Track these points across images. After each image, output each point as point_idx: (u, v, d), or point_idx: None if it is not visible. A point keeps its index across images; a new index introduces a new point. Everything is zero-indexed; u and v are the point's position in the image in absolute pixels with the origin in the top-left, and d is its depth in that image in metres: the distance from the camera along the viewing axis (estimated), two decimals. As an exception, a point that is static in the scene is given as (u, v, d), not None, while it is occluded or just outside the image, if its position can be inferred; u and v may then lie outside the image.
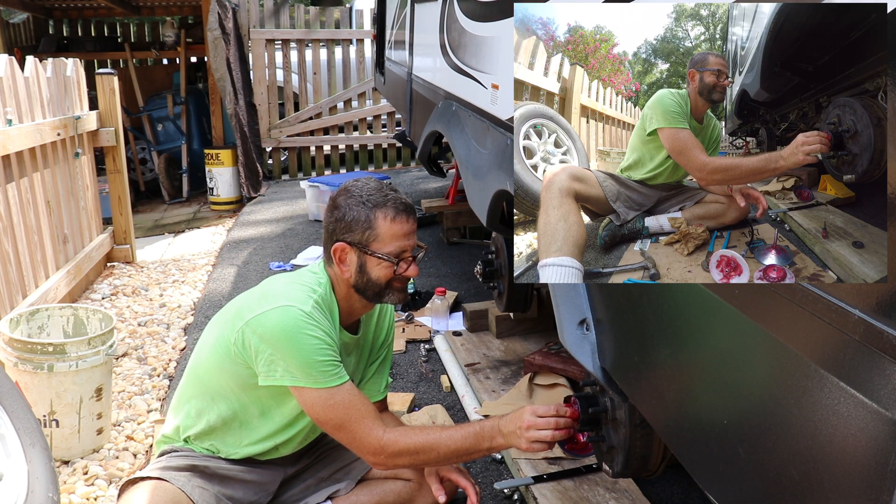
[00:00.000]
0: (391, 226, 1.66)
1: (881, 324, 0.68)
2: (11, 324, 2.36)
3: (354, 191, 1.69)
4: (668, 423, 1.20)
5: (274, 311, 1.60)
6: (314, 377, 1.58)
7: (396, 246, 1.67)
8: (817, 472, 0.79)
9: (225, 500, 1.72)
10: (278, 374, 1.59)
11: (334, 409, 1.60)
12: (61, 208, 3.68)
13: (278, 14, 6.93)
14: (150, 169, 7.52)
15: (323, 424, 1.64)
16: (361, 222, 1.65)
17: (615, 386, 1.40)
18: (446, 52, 2.87)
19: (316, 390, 1.59)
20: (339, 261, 1.69)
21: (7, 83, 3.07)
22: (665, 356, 1.16)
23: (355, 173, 6.48)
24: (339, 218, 1.68)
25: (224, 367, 1.69)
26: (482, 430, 1.64)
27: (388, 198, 1.67)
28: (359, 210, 1.66)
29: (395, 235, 1.67)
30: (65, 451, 2.32)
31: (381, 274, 1.68)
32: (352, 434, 1.62)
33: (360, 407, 1.62)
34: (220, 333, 1.70)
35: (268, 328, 1.59)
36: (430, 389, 2.72)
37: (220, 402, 1.74)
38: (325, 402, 1.60)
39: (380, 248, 1.66)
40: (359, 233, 1.66)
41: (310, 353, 1.58)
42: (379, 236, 1.66)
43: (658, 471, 1.61)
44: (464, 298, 3.55)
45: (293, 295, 1.64)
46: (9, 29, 7.18)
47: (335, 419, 1.61)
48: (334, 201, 1.71)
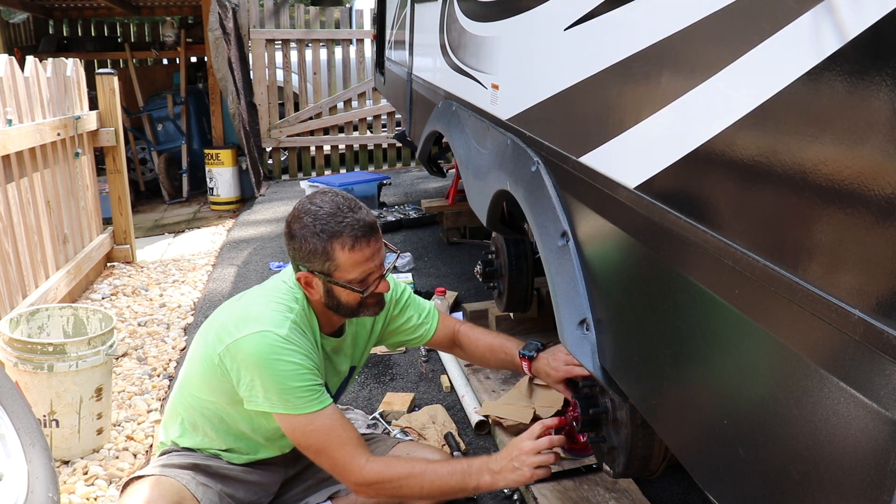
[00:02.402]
0: (350, 255, 1.57)
1: (881, 324, 0.68)
2: (11, 324, 2.36)
3: (307, 219, 1.58)
4: (669, 424, 1.20)
5: (250, 338, 1.56)
6: (292, 403, 1.55)
7: (360, 272, 1.60)
8: (817, 472, 0.79)
9: (227, 498, 1.73)
10: (259, 399, 1.57)
11: (314, 435, 1.57)
12: (61, 208, 3.68)
13: (278, 14, 6.93)
14: (150, 169, 7.52)
15: (304, 450, 1.62)
16: (319, 254, 1.57)
17: (615, 386, 1.40)
18: (446, 52, 2.87)
19: (294, 416, 1.56)
20: (306, 286, 1.65)
21: (7, 83, 3.06)
22: (665, 356, 1.16)
23: (355, 173, 6.47)
24: (297, 248, 1.60)
25: (212, 385, 1.68)
26: (469, 467, 1.59)
27: (344, 224, 1.56)
28: (315, 242, 1.57)
29: (357, 262, 1.59)
30: (65, 451, 2.31)
31: (350, 298, 1.64)
32: (332, 460, 1.58)
33: (340, 433, 1.57)
34: (205, 352, 1.68)
35: (245, 355, 1.56)
36: (430, 389, 2.72)
37: (210, 416, 1.73)
38: (305, 428, 1.56)
39: (343, 277, 1.60)
40: (318, 263, 1.59)
41: (286, 379, 1.54)
42: (340, 266, 1.58)
43: (658, 471, 1.61)
44: (464, 298, 3.55)
45: (269, 318, 1.59)
46: (9, 29, 7.18)
47: (315, 445, 1.58)
48: (290, 228, 1.62)
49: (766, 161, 0.86)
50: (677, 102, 1.08)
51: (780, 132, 0.84)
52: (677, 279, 1.10)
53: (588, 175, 1.43)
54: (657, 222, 1.13)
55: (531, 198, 1.80)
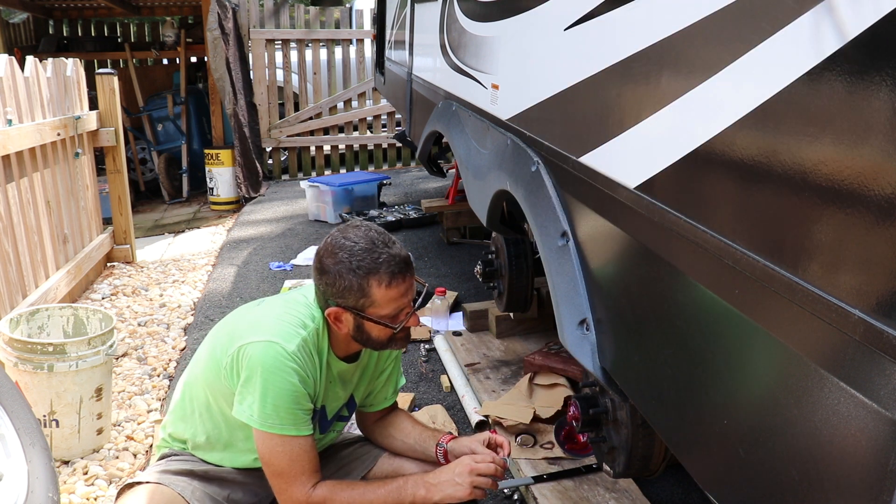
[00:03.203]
0: (387, 292, 1.55)
1: (881, 324, 0.68)
2: (11, 324, 2.36)
3: (342, 254, 1.54)
4: (669, 424, 1.20)
5: (258, 345, 1.56)
6: (271, 422, 1.55)
7: (394, 308, 1.58)
8: (817, 472, 0.79)
9: (224, 501, 1.73)
10: (243, 406, 1.57)
11: (279, 457, 1.57)
12: (61, 208, 3.68)
13: (278, 14, 6.93)
14: (150, 169, 7.52)
15: (264, 465, 1.62)
16: (354, 290, 1.54)
17: (615, 386, 1.40)
18: (446, 52, 2.87)
19: (267, 433, 1.56)
20: (335, 320, 1.62)
21: (7, 83, 3.07)
22: (666, 356, 1.16)
23: (355, 173, 6.47)
24: (330, 283, 1.57)
25: (215, 387, 1.68)
26: (405, 482, 1.62)
27: (381, 260, 1.53)
28: (350, 278, 1.53)
29: (392, 299, 1.56)
30: (65, 451, 2.32)
31: (381, 334, 1.62)
32: (286, 484, 1.59)
33: (304, 463, 1.58)
34: (213, 354, 1.67)
35: (249, 360, 1.56)
36: (430, 389, 2.72)
37: (208, 420, 1.73)
38: (273, 448, 1.57)
39: (377, 313, 1.57)
40: (352, 299, 1.56)
41: (277, 396, 1.54)
42: (375, 302, 1.56)
43: (658, 471, 1.61)
44: (464, 298, 3.55)
45: (280, 329, 1.58)
46: (9, 29, 7.18)
47: (277, 465, 1.58)
48: (321, 262, 1.58)
49: (766, 161, 0.86)
50: (677, 102, 1.08)
51: (780, 132, 0.84)
52: (677, 279, 1.10)
53: (588, 175, 1.43)
54: (657, 222, 1.13)
55: (531, 198, 1.80)
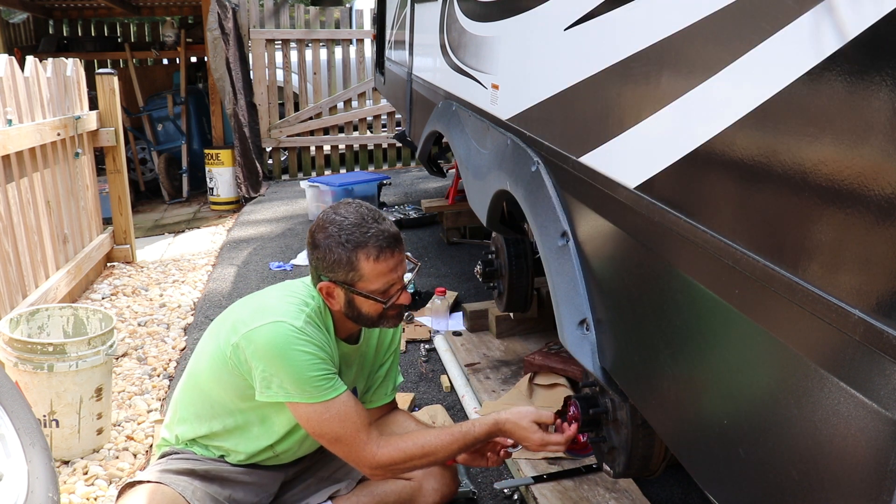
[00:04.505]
0: (375, 265, 1.59)
1: (881, 324, 0.68)
2: (11, 324, 2.36)
3: (332, 228, 1.59)
4: (669, 424, 1.20)
5: (265, 328, 1.58)
6: (308, 392, 1.56)
7: (384, 282, 1.61)
8: (817, 473, 0.79)
9: (225, 502, 1.73)
10: (273, 389, 1.58)
11: (329, 423, 1.58)
12: (61, 208, 3.68)
13: (278, 14, 6.93)
14: (150, 169, 7.52)
15: (319, 438, 1.63)
16: (344, 264, 1.58)
17: (615, 386, 1.40)
18: (446, 52, 2.87)
19: (311, 405, 1.57)
20: (328, 296, 1.65)
21: (7, 83, 3.06)
22: (665, 356, 1.16)
23: (355, 173, 6.47)
24: (321, 258, 1.62)
25: (222, 378, 1.68)
26: (472, 420, 1.68)
27: (370, 234, 1.58)
28: (339, 252, 1.58)
29: (381, 273, 1.60)
30: (65, 451, 2.32)
31: (371, 309, 1.65)
32: (348, 447, 1.60)
33: (355, 419, 1.59)
34: (216, 345, 1.69)
35: (259, 345, 1.57)
36: (430, 389, 2.72)
37: (219, 410, 1.73)
38: (321, 417, 1.58)
39: (366, 287, 1.61)
40: (342, 273, 1.60)
41: (302, 369, 1.55)
42: (364, 276, 1.59)
43: (658, 471, 1.61)
44: (464, 298, 3.55)
45: (285, 310, 1.61)
46: (9, 29, 7.18)
47: (331, 433, 1.60)
48: (313, 237, 1.64)
49: (766, 161, 0.86)
50: (677, 102, 1.08)
51: (780, 132, 0.84)
52: (677, 279, 1.10)
53: (588, 175, 1.43)
54: (657, 222, 1.13)
55: (531, 198, 1.80)
